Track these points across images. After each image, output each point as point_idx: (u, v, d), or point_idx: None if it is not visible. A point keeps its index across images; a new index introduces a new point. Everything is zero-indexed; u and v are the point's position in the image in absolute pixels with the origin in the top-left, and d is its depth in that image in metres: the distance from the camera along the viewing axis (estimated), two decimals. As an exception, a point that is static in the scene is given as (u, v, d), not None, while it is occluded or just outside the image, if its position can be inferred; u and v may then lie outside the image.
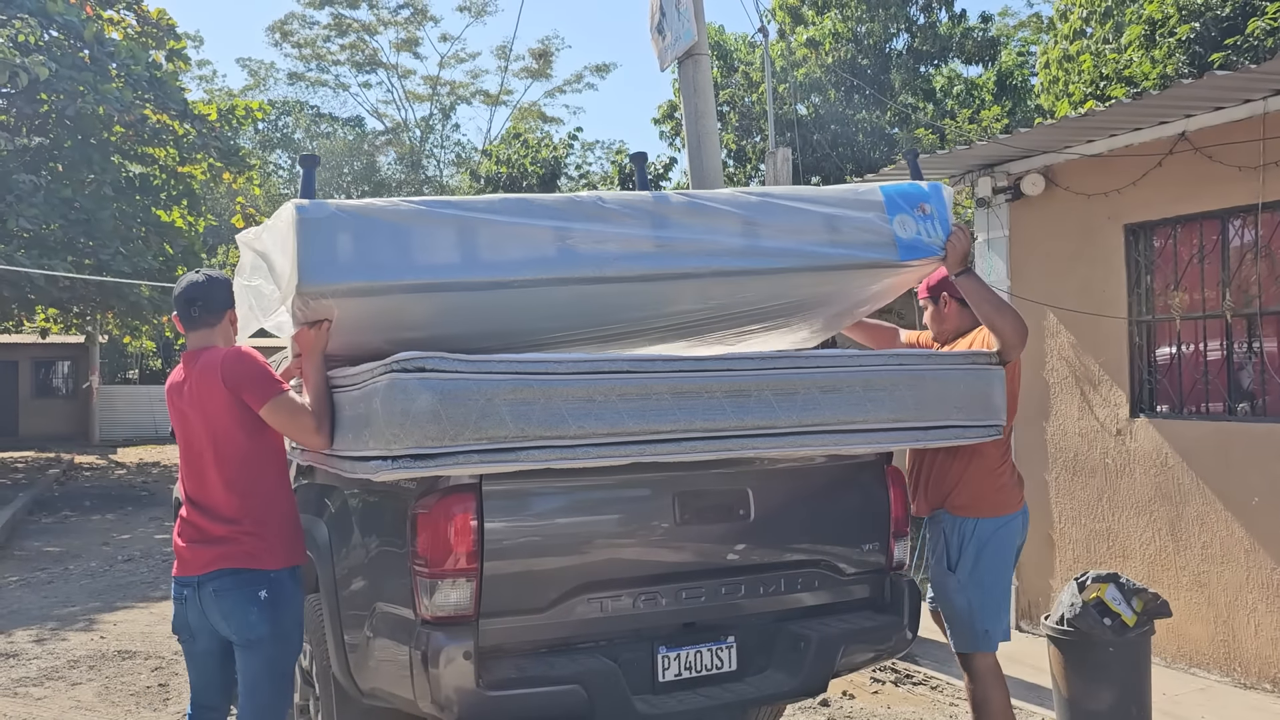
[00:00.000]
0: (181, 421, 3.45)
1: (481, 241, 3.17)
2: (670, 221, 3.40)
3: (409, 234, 3.12)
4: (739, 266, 3.43)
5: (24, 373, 27.32)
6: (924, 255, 3.68)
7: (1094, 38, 15.58)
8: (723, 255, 3.41)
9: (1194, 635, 5.65)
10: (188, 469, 3.45)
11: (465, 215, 3.20)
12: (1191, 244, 5.81)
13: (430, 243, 3.13)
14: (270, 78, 44.06)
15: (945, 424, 3.53)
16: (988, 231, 6.87)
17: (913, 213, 3.70)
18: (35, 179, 14.85)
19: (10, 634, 7.17)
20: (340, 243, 3.03)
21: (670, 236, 3.37)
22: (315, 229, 3.02)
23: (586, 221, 3.30)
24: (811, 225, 3.56)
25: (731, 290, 3.51)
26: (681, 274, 3.37)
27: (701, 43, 7.30)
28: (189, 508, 3.43)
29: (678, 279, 3.38)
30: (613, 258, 3.27)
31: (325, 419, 3.23)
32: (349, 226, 3.07)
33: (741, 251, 3.45)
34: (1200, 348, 5.82)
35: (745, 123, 22.21)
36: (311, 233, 3.02)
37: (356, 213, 3.11)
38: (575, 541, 3.35)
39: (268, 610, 3.32)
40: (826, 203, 3.66)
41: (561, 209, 3.32)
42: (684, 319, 3.66)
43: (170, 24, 18.01)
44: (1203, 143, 5.54)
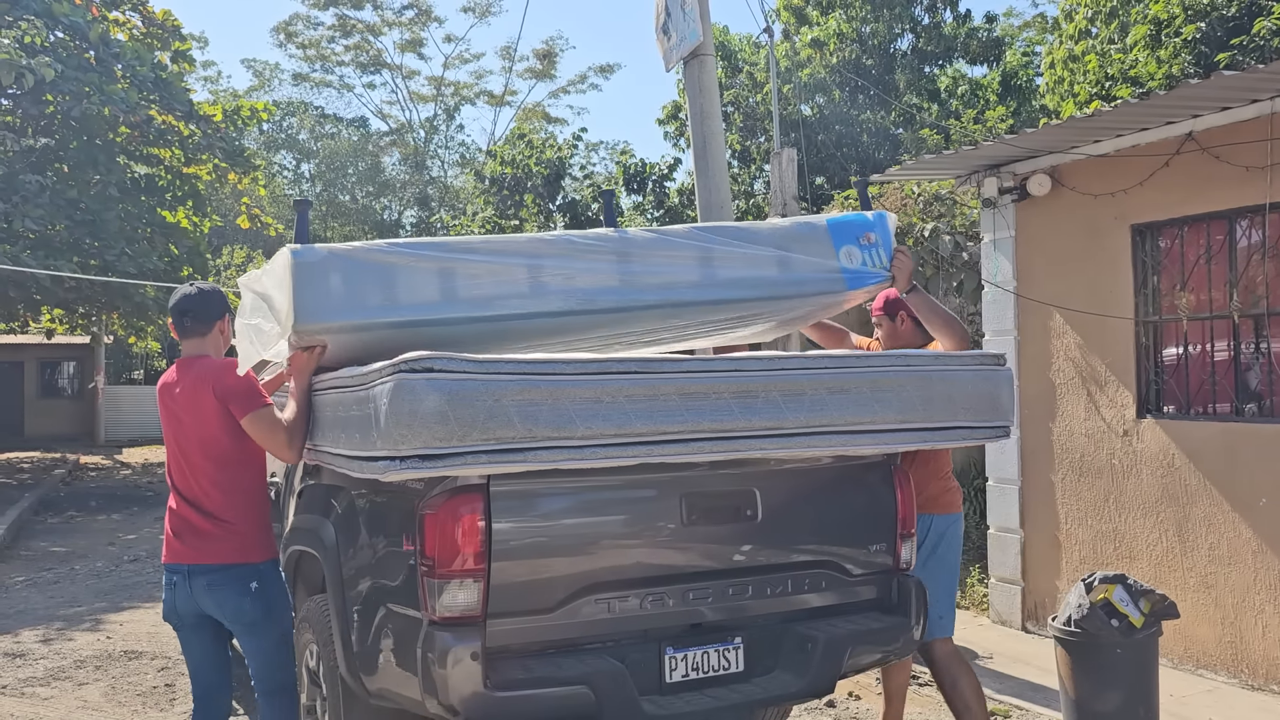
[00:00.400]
0: (173, 421, 3.73)
1: (460, 281, 3.48)
2: (633, 257, 3.71)
3: (394, 275, 3.41)
4: (696, 299, 3.74)
5: (29, 373, 27.38)
6: (870, 283, 3.98)
7: (1099, 38, 15.56)
8: (681, 288, 3.72)
9: (1201, 636, 5.63)
10: (177, 465, 3.75)
11: (445, 257, 3.51)
12: (1199, 244, 5.80)
13: (414, 283, 3.43)
14: (275, 78, 44.13)
15: (953, 425, 3.53)
16: (994, 232, 6.87)
17: (858, 243, 3.98)
18: (41, 180, 14.88)
19: (17, 634, 7.18)
20: (332, 284, 3.34)
21: (633, 270, 3.68)
22: (309, 272, 3.32)
23: (556, 259, 3.62)
24: (763, 259, 3.85)
25: (690, 316, 3.79)
26: (643, 305, 3.67)
27: (707, 43, 7.31)
28: (179, 500, 3.73)
29: (640, 310, 3.67)
30: (581, 292, 3.59)
31: (298, 436, 3.54)
32: (340, 269, 3.37)
33: (698, 284, 3.75)
34: (1207, 348, 5.81)
35: (750, 123, 22.22)
36: (306, 275, 3.31)
37: (346, 256, 3.41)
38: (583, 542, 3.35)
39: (260, 598, 3.69)
40: (777, 237, 3.96)
41: (533, 249, 3.65)
42: (648, 336, 3.92)
43: (175, 25, 18.05)
44: (1210, 143, 5.53)
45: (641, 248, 3.75)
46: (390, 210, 45.09)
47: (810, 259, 3.89)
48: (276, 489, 4.68)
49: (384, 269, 3.41)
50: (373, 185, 43.83)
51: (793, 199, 8.38)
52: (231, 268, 31.24)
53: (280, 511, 4.55)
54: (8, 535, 11.17)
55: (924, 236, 9.16)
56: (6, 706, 5.58)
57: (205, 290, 3.89)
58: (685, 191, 21.64)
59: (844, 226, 4.01)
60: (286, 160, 43.89)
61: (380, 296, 3.38)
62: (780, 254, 3.87)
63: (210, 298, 3.87)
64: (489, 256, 3.57)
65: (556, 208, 22.71)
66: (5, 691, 5.86)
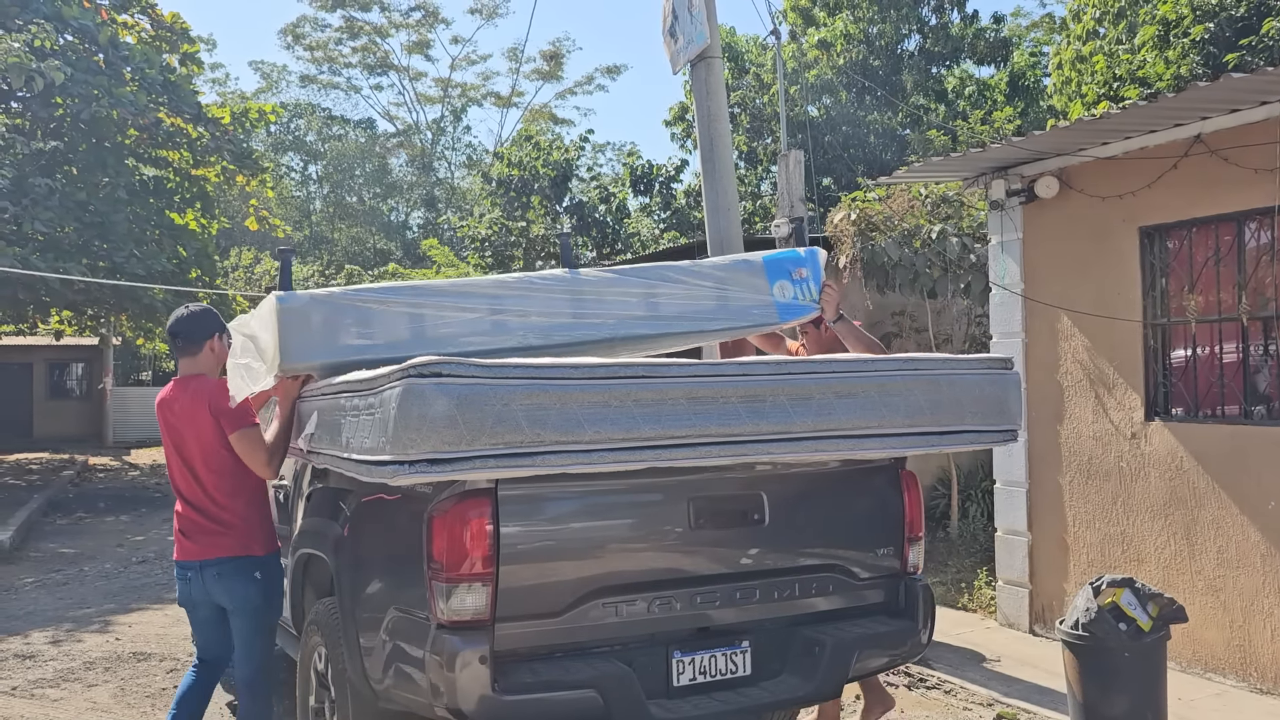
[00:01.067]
0: (174, 435, 4.12)
1: (428, 323, 3.84)
2: (585, 295, 4.11)
3: (370, 317, 3.80)
4: (642, 332, 4.13)
5: (38, 375, 27.48)
6: (800, 315, 4.41)
7: (1107, 38, 15.53)
8: (629, 322, 4.11)
9: (1210, 640, 5.62)
10: (181, 474, 4.14)
11: (416, 300, 3.91)
12: (1207, 246, 5.78)
13: (388, 324, 3.79)
14: (282, 80, 44.26)
15: (960, 429, 3.53)
16: (1001, 234, 6.86)
17: (790, 278, 4.39)
18: (50, 182, 14.92)
19: (27, 635, 7.21)
20: (314, 326, 3.73)
21: (585, 307, 4.07)
22: (293, 316, 3.71)
23: (516, 299, 4.01)
24: (703, 294, 4.26)
25: (636, 346, 4.19)
26: (594, 339, 4.01)
27: (714, 45, 7.31)
28: (185, 505, 4.14)
29: (591, 343, 4.00)
30: (538, 329, 3.97)
31: (278, 456, 4.03)
32: (321, 312, 3.76)
33: (644, 318, 4.15)
34: (1216, 351, 5.79)
35: (756, 124, 22.22)
36: (290, 319, 3.70)
37: (326, 301, 3.81)
38: (590, 546, 3.36)
39: (263, 586, 4.13)
40: (716, 273, 4.38)
41: (495, 290, 4.04)
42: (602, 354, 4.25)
43: (184, 28, 18.09)
44: (1218, 145, 5.52)
45: (593, 286, 4.16)
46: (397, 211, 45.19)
47: (746, 294, 4.31)
48: (286, 491, 4.70)
49: (360, 312, 3.80)
50: (380, 186, 43.93)
51: (799, 200, 8.38)
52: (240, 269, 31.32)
53: (289, 514, 4.57)
54: (17, 537, 11.21)
55: (931, 238, 9.15)
56: (17, 708, 5.61)
57: (195, 312, 4.22)
58: (692, 193, 21.67)
59: (778, 263, 4.43)
60: (294, 162, 44.01)
61: (357, 337, 3.76)
62: (719, 289, 4.30)
63: (200, 318, 4.19)
64: (455, 299, 3.96)
65: (563, 209, 22.74)
66: (15, 693, 5.88)
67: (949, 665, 5.93)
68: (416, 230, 43.03)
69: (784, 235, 8.34)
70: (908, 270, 9.09)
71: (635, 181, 22.72)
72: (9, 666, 6.42)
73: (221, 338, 4.21)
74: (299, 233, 39.44)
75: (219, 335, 4.20)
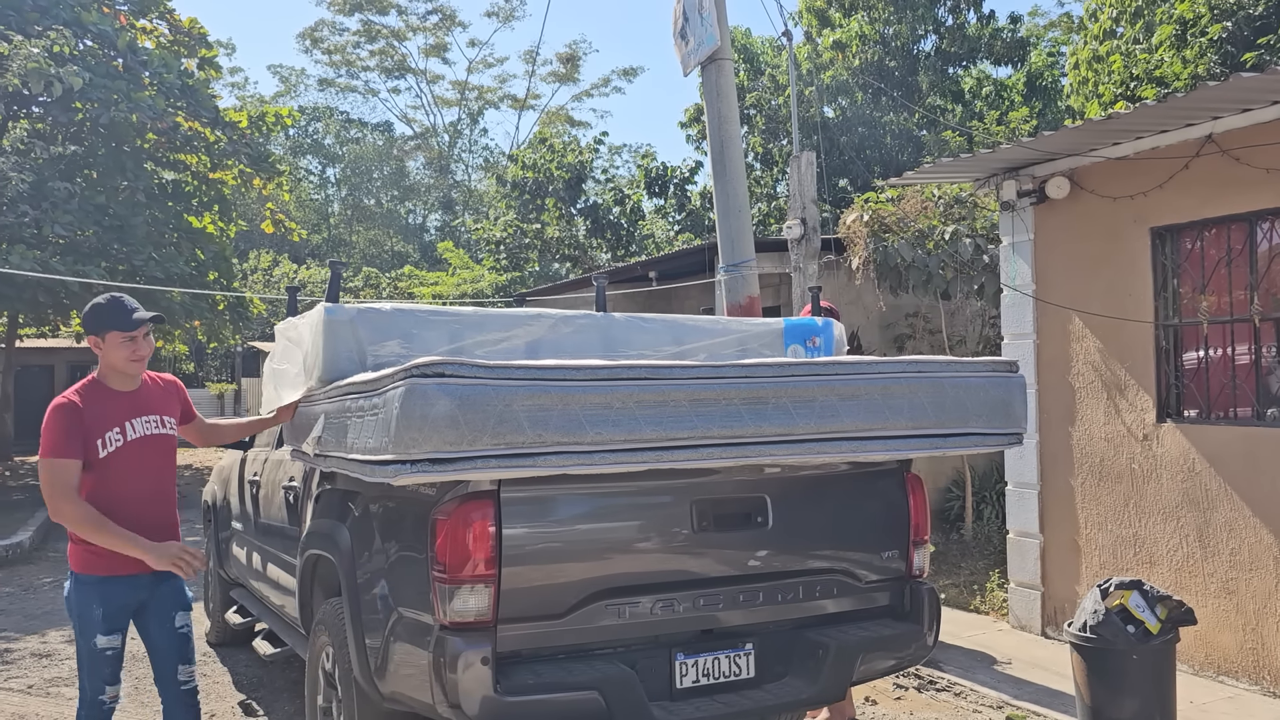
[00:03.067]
0: None
1: (466, 346, 4.11)
2: (615, 336, 4.45)
3: (412, 338, 4.02)
4: None
5: (59, 376, 27.74)
6: None
7: (1124, 38, 15.43)
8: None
9: (1222, 643, 5.58)
10: None
11: (458, 325, 4.18)
12: (1219, 247, 5.74)
13: (429, 347, 3.99)
14: (301, 84, 44.57)
15: (965, 431, 3.52)
16: (1013, 235, 6.83)
17: (804, 344, 4.77)
18: (70, 186, 15.08)
19: (44, 634, 7.29)
20: (358, 340, 3.93)
21: (615, 347, 4.38)
22: (339, 329, 3.92)
23: (550, 331, 4.35)
24: (725, 347, 4.64)
25: None
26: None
27: (724, 47, 7.31)
28: None
29: None
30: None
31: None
32: (366, 328, 3.97)
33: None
34: (1228, 352, 5.75)
35: (772, 126, 22.19)
36: (335, 331, 3.91)
37: (373, 316, 4.03)
38: (593, 548, 3.36)
39: None
40: (740, 330, 4.82)
41: (531, 323, 4.36)
42: None
43: (202, 32, 18.24)
44: (1230, 145, 5.49)
45: (624, 329, 4.51)
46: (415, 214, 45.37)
47: (763, 352, 4.69)
48: (295, 492, 4.73)
49: (404, 331, 4.01)
50: (397, 189, 44.14)
51: (812, 202, 8.36)
52: (258, 272, 31.54)
53: (298, 515, 4.61)
54: (35, 537, 11.33)
55: (944, 240, 9.12)
56: (33, 705, 5.67)
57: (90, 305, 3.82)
58: (707, 195, 21.64)
59: (796, 329, 4.84)
60: (313, 165, 44.26)
61: (398, 350, 3.95)
62: (740, 346, 4.69)
63: (88, 312, 3.78)
64: (493, 325, 4.29)
65: (578, 211, 22.77)
66: (32, 691, 5.95)
67: (959, 667, 5.92)
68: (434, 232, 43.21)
69: (796, 237, 8.34)
70: (921, 272, 9.06)
71: (650, 183, 22.73)
72: (26, 665, 6.49)
73: (104, 336, 3.72)
74: (317, 235, 39.67)
75: (102, 334, 3.72)
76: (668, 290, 12.71)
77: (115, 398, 3.77)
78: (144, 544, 3.62)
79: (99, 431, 3.67)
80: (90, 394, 3.73)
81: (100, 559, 3.70)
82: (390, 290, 28.35)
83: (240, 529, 5.93)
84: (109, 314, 3.72)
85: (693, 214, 22.19)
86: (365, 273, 32.27)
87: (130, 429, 3.75)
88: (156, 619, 3.91)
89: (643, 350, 4.47)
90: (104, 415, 3.70)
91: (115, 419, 3.73)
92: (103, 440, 3.67)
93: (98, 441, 3.66)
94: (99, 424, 3.67)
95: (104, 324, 3.72)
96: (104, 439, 3.68)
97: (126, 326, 3.71)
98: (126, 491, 3.72)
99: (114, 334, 3.71)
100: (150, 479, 3.82)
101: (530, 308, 4.73)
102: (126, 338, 3.72)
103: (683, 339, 4.64)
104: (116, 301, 3.74)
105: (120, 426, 3.73)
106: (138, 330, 3.73)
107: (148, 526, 3.73)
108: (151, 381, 3.96)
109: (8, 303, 15.02)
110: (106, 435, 3.69)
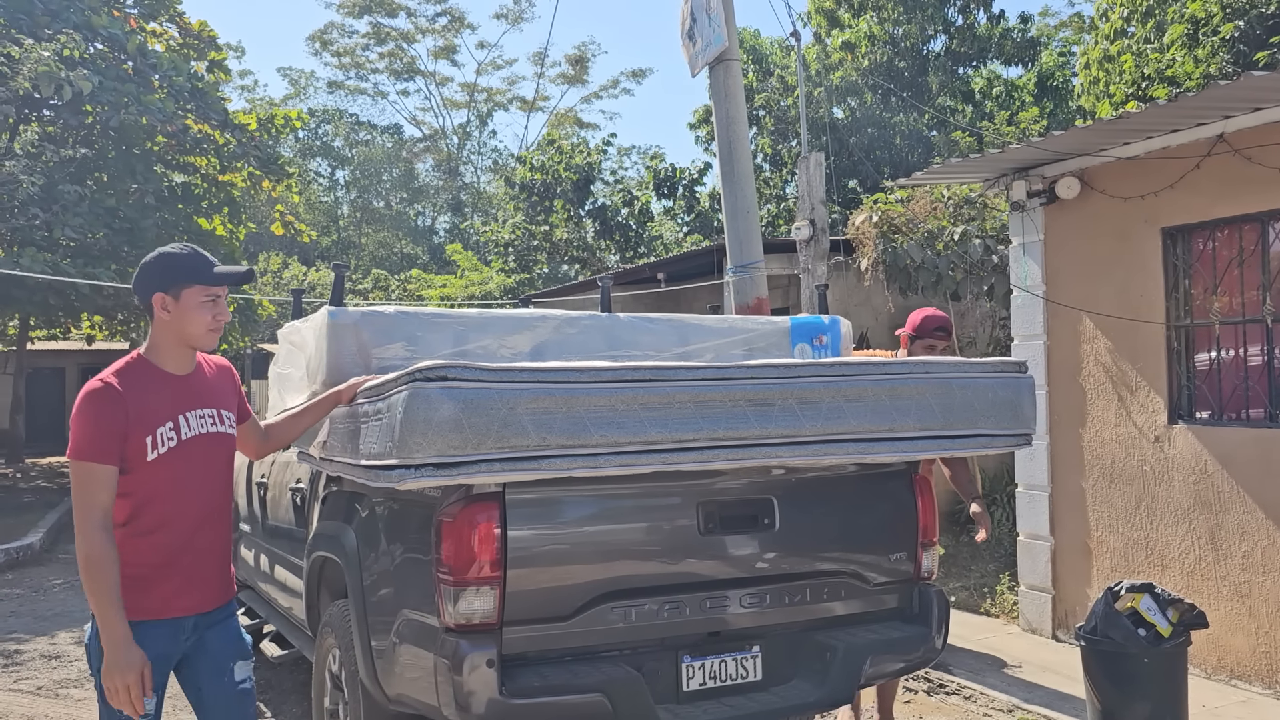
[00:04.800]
0: None
1: (471, 348, 4.10)
2: (620, 335, 4.41)
3: (416, 340, 3.99)
4: None
5: (70, 379, 27.84)
6: None
7: (1135, 37, 15.36)
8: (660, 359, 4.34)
9: (1235, 646, 5.53)
10: None
11: (462, 327, 4.16)
12: (1231, 247, 5.70)
13: (433, 349, 3.96)
14: (310, 86, 44.70)
15: (973, 433, 3.50)
16: (1022, 236, 6.79)
17: (811, 342, 4.74)
18: (80, 189, 15.14)
19: (54, 636, 7.31)
20: (362, 344, 3.90)
21: (619, 347, 4.35)
22: (342, 332, 3.88)
23: (554, 333, 4.32)
24: (732, 346, 4.63)
25: None
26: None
27: (732, 48, 7.30)
28: None
29: None
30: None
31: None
32: (370, 331, 3.93)
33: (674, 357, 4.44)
34: (1240, 353, 5.71)
35: (781, 127, 22.16)
36: (339, 335, 3.87)
37: (377, 319, 3.99)
38: (599, 550, 3.35)
39: None
40: (747, 328, 4.78)
41: (536, 324, 4.31)
42: None
43: (211, 35, 18.30)
44: (1241, 144, 5.44)
45: (629, 329, 4.48)
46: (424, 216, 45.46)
47: (771, 352, 4.65)
48: (302, 494, 4.73)
49: (408, 334, 3.98)
50: (406, 191, 44.24)
51: (820, 203, 8.34)
52: (267, 274, 31.62)
53: (305, 517, 4.60)
54: (47, 539, 11.37)
55: (954, 240, 9.09)
56: (42, 707, 5.68)
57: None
58: (716, 196, 21.62)
59: (802, 327, 4.79)
60: (322, 167, 44.38)
61: (401, 353, 3.92)
62: (747, 345, 4.66)
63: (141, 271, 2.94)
64: (498, 327, 4.24)
65: (586, 213, 22.77)
66: (41, 692, 5.96)
67: (969, 670, 5.88)
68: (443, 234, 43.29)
69: (804, 238, 8.32)
70: (930, 273, 9.03)
71: (659, 185, 22.72)
72: (35, 666, 6.50)
73: (180, 293, 2.86)
74: (326, 237, 39.78)
75: (177, 290, 2.87)
76: (676, 292, 12.69)
77: (167, 383, 2.90)
78: (118, 638, 2.69)
79: (148, 427, 2.80)
80: (135, 377, 2.84)
81: (139, 596, 2.81)
82: (399, 293, 28.40)
83: (248, 530, 5.94)
84: (188, 264, 2.87)
85: (701, 215, 22.18)
86: (374, 275, 32.33)
87: (184, 425, 2.89)
88: (208, 672, 3.01)
89: (648, 350, 4.43)
90: (153, 406, 2.83)
91: (168, 411, 2.85)
92: (153, 439, 2.81)
93: (147, 440, 2.80)
94: (147, 417, 2.80)
95: (180, 276, 2.86)
96: (155, 436, 2.81)
97: (211, 280, 2.88)
98: (177, 508, 2.89)
99: (194, 289, 2.86)
100: (206, 493, 2.97)
101: (536, 309, 4.67)
102: (209, 296, 2.89)
103: (688, 339, 4.59)
104: (194, 251, 2.91)
105: (174, 421, 2.86)
106: (221, 287, 2.93)
107: (200, 557, 2.95)
108: (205, 365, 3.07)
109: (19, 305, 15.09)
110: (158, 432, 2.82)
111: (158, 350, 2.92)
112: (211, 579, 3.04)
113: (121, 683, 2.68)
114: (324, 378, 3.86)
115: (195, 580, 2.96)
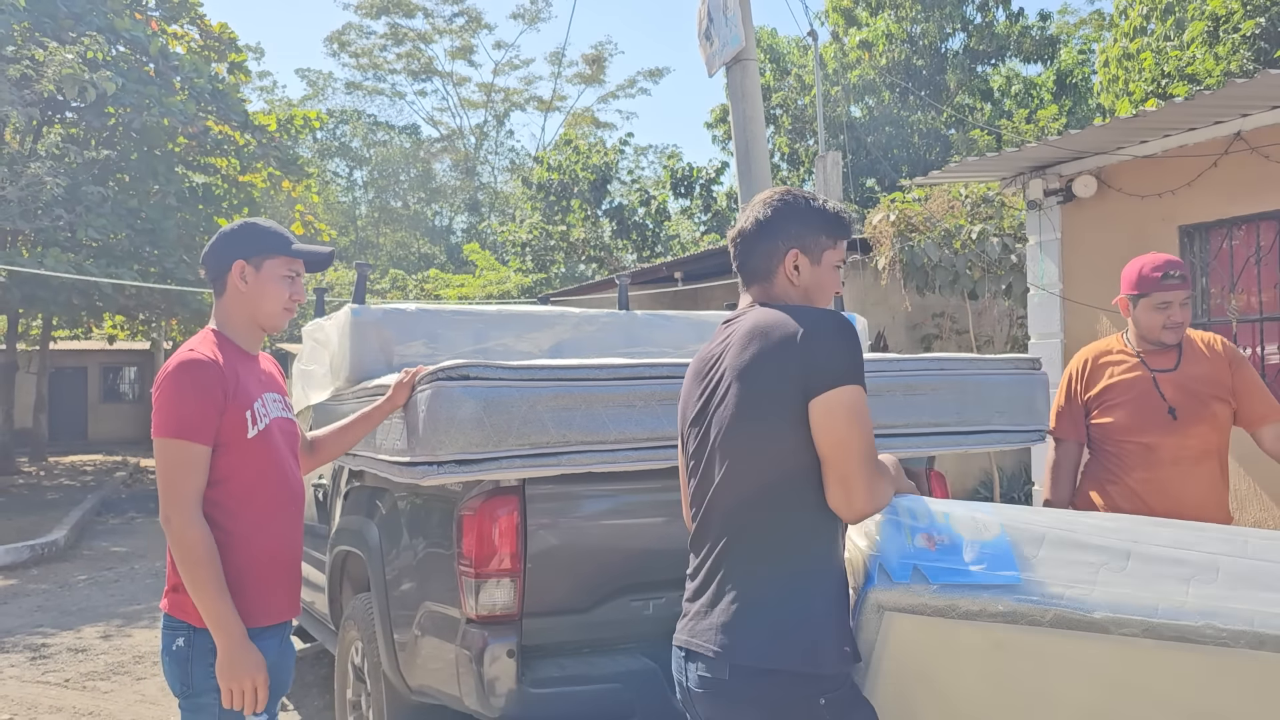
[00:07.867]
0: None
1: (491, 345, 4.16)
2: (638, 333, 4.48)
3: (438, 338, 4.06)
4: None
5: (92, 378, 28.14)
6: None
7: (1155, 35, 15.31)
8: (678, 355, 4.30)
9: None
10: None
11: (483, 324, 4.22)
12: (1248, 245, 5.70)
13: (455, 346, 4.04)
14: (328, 87, 44.88)
15: (987, 428, 3.53)
16: (1040, 234, 6.80)
17: None
18: (103, 190, 15.32)
19: (79, 630, 7.42)
20: (385, 341, 3.95)
21: (637, 344, 4.43)
22: (366, 330, 3.93)
23: (573, 330, 4.37)
24: None
25: None
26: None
27: (749, 48, 7.34)
28: None
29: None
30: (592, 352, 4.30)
31: None
32: (393, 328, 3.99)
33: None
34: (1258, 351, 5.71)
35: (799, 126, 22.17)
36: (362, 332, 3.92)
37: (399, 317, 4.05)
38: (617, 543, 3.39)
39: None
40: None
41: (555, 321, 4.37)
42: None
43: (231, 37, 18.48)
44: (1259, 142, 5.44)
45: (646, 326, 4.54)
46: (441, 216, 45.63)
47: None
48: (324, 490, 4.80)
49: (430, 332, 4.04)
50: (424, 191, 44.40)
51: (838, 202, 8.36)
52: (286, 274, 31.73)
53: (328, 512, 4.68)
54: (71, 535, 11.51)
55: (972, 239, 9.09)
56: (69, 699, 5.78)
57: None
58: (733, 195, 21.65)
59: None
60: (340, 167, 44.61)
61: (423, 349, 3.98)
62: None
63: (217, 242, 2.68)
64: (519, 324, 4.30)
65: (603, 212, 22.82)
66: (68, 685, 6.06)
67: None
68: (460, 234, 43.44)
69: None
70: (948, 271, 9.03)
71: (676, 184, 22.75)
72: (62, 660, 6.61)
73: (261, 265, 2.62)
74: (345, 237, 39.99)
75: (259, 260, 2.62)
76: (694, 291, 12.73)
77: (248, 362, 2.63)
78: (238, 634, 2.40)
79: (245, 401, 2.51)
80: (224, 350, 2.55)
81: (250, 598, 2.48)
82: (416, 292, 28.55)
83: (271, 526, 6.00)
84: (274, 234, 2.65)
85: (719, 214, 22.20)
86: (392, 275, 32.50)
87: (264, 407, 2.59)
88: None
89: (665, 348, 4.48)
90: (244, 381, 2.55)
91: (255, 389, 2.59)
92: (252, 414, 2.52)
93: (246, 414, 2.50)
94: (241, 393, 2.51)
95: (265, 245, 2.63)
96: (253, 411, 2.52)
97: (290, 252, 2.66)
98: (280, 495, 2.61)
99: (277, 261, 2.63)
100: (296, 481, 2.71)
101: (555, 307, 4.72)
102: (291, 271, 2.66)
103: (705, 335, 4.63)
104: (278, 226, 2.71)
105: (261, 400, 2.59)
106: (300, 264, 2.70)
107: (286, 562, 2.64)
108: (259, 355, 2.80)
109: (42, 305, 15.27)
110: (255, 407, 2.53)
111: (230, 326, 2.64)
112: (299, 579, 2.72)
113: (250, 682, 2.39)
114: (347, 374, 3.92)
115: (296, 578, 2.69)
